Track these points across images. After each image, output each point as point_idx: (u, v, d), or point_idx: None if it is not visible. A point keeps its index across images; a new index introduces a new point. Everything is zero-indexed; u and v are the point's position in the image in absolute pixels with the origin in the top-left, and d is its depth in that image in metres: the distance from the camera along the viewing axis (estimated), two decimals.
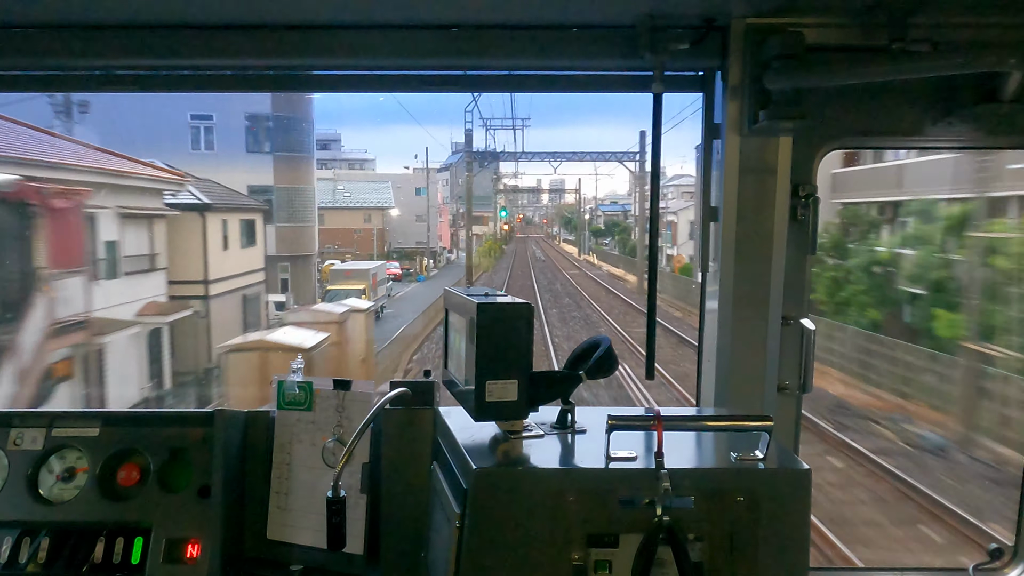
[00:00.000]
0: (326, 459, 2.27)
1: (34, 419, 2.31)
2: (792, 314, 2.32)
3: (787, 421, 2.36)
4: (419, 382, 2.25)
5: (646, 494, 1.64)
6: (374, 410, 2.00)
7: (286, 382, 2.32)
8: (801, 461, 1.76)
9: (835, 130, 2.28)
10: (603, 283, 43.18)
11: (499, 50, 2.29)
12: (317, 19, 2.25)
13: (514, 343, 1.79)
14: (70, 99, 19.78)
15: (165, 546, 2.15)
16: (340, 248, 45.87)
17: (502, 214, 74.06)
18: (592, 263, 61.18)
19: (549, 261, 63.74)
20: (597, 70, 2.43)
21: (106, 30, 2.26)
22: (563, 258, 68.92)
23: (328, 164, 60.60)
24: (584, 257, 67.94)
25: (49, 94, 17.63)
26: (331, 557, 2.19)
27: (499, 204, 72.47)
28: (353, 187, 54.22)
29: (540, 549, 1.65)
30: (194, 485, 2.22)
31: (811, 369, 2.32)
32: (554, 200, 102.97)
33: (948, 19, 2.08)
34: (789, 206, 2.27)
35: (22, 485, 2.23)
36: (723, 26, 2.18)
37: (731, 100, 2.23)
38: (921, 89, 2.22)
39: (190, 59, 2.34)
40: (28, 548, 2.15)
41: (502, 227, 78.93)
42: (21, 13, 2.19)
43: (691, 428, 1.94)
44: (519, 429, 1.90)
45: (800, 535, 1.71)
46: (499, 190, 65.95)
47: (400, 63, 2.40)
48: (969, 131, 2.27)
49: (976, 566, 2.37)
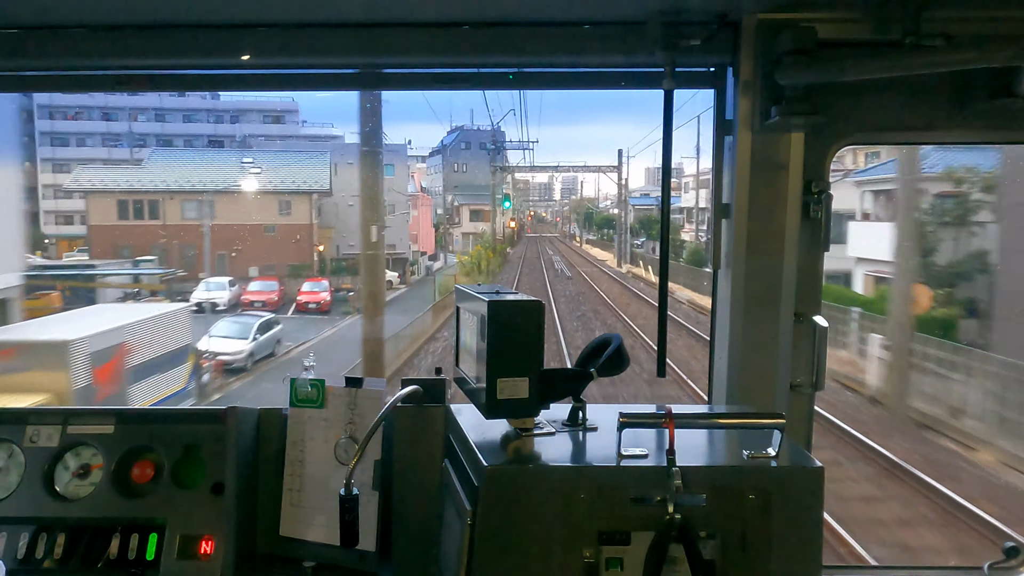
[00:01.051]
0: (338, 456, 2.28)
1: (50, 416, 2.34)
2: (804, 311, 2.31)
3: (799, 418, 2.35)
4: (431, 379, 2.25)
5: (658, 491, 1.63)
6: (386, 408, 2.01)
7: (298, 379, 2.33)
8: (814, 459, 1.75)
9: (848, 126, 2.26)
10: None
11: (509, 47, 2.29)
12: (326, 18, 2.26)
13: (525, 341, 1.79)
14: None
15: (179, 542, 2.17)
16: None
17: (505, 205, 54.84)
18: (642, 277, 38.47)
19: (579, 278, 39.14)
20: (608, 67, 2.43)
21: (121, 30, 2.27)
22: (597, 270, 43.78)
23: (284, 142, 44.19)
24: (628, 268, 43.44)
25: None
26: (343, 554, 2.20)
27: (504, 192, 53.86)
28: (275, 160, 34.90)
29: (551, 546, 1.66)
30: (208, 482, 2.23)
31: (824, 366, 2.31)
32: (567, 197, 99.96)
33: (962, 13, 2.06)
34: (801, 202, 2.25)
35: (38, 482, 2.25)
36: (735, 21, 2.17)
37: (743, 96, 2.22)
38: (935, 84, 2.20)
39: (203, 59, 2.35)
40: (44, 544, 2.17)
41: (508, 224, 61.26)
42: (26, 12, 2.21)
43: (703, 426, 1.93)
44: (530, 426, 1.90)
45: (813, 533, 1.70)
46: (500, 166, 49.20)
47: (410, 61, 2.40)
48: (983, 126, 2.24)
49: (991, 564, 2.35)
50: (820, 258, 2.32)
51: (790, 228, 2.26)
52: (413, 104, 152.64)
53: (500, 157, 49.58)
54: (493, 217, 51.17)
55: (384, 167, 33.58)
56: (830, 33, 2.08)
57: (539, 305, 1.80)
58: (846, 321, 17.16)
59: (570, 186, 75.26)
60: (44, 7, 2.14)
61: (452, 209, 57.95)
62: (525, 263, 47.43)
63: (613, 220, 64.60)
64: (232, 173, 31.73)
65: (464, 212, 58.44)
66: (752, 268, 2.29)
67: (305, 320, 26.55)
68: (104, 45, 2.29)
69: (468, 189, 57.29)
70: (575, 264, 47.29)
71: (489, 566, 1.68)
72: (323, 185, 32.99)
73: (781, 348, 2.30)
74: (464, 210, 58.38)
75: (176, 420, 2.33)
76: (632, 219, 50.90)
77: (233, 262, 30.19)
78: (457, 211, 57.90)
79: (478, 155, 49.63)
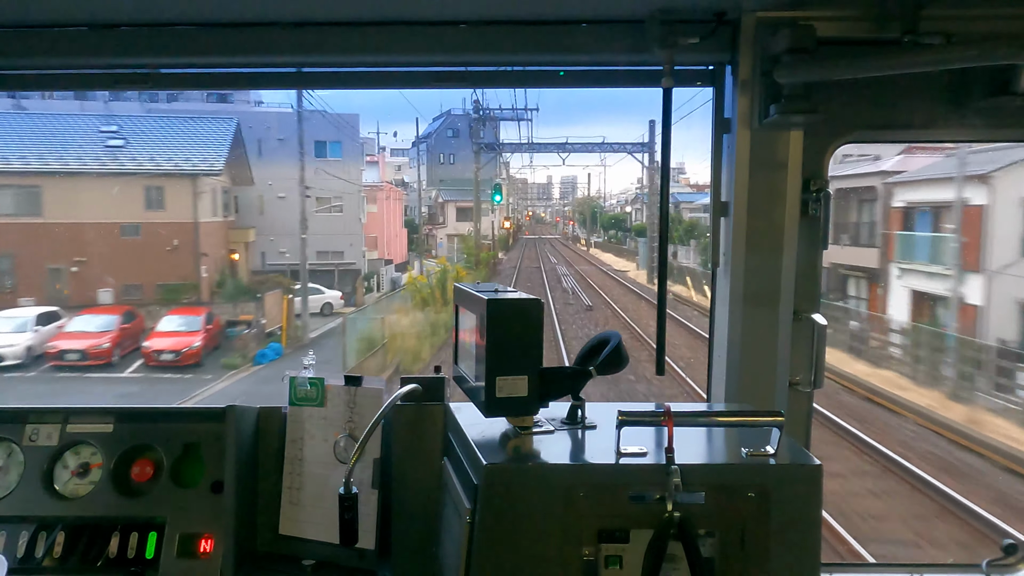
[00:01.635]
0: (338, 455, 2.28)
1: (49, 415, 2.33)
2: (803, 309, 2.31)
3: (798, 416, 2.36)
4: (430, 378, 2.25)
5: (657, 489, 1.64)
6: (385, 406, 2.01)
7: (298, 378, 2.33)
8: (812, 457, 1.76)
9: (846, 124, 2.26)
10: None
11: (508, 45, 2.29)
12: (325, 16, 2.26)
13: (524, 339, 1.79)
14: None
15: (179, 541, 2.17)
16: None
17: (495, 199, 41.59)
18: (690, 300, 26.58)
19: (603, 305, 27.12)
20: (606, 65, 2.43)
21: (117, 28, 2.27)
22: (621, 288, 31.77)
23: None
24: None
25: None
26: (343, 552, 2.20)
27: (496, 182, 41.84)
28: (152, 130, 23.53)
29: (550, 544, 1.66)
30: (207, 480, 2.24)
31: (823, 364, 2.31)
32: (567, 197, 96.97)
33: (961, 11, 2.06)
34: (800, 201, 2.26)
35: (38, 480, 2.25)
36: (733, 20, 2.17)
37: (741, 94, 2.22)
38: (934, 82, 2.20)
39: (201, 57, 2.35)
40: (44, 543, 2.17)
41: (502, 224, 50.42)
42: (25, 12, 2.20)
43: (701, 424, 1.94)
44: (529, 425, 1.90)
45: (812, 531, 1.70)
46: (487, 145, 36.78)
47: (408, 59, 2.40)
48: (982, 124, 2.24)
49: (990, 562, 2.36)
50: (819, 256, 2.33)
51: (789, 226, 2.26)
52: (398, 106, 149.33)
53: (488, 132, 37.71)
54: (477, 214, 38.85)
55: (329, 145, 24.87)
56: (829, 31, 2.08)
57: (538, 303, 1.80)
58: None
59: (570, 185, 72.84)
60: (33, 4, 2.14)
61: (437, 206, 49.61)
62: (521, 275, 36.02)
63: (623, 220, 56.66)
64: (88, 149, 21.29)
65: (450, 210, 49.72)
66: (751, 266, 2.29)
67: (146, 383, 16.25)
68: (99, 43, 2.29)
69: (455, 183, 48.41)
70: (589, 278, 35.27)
71: (488, 564, 1.68)
72: (215, 165, 22.70)
73: (780, 346, 2.30)
74: (450, 208, 49.77)
75: (176, 418, 2.33)
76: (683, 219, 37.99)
77: (76, 281, 20.33)
78: (442, 208, 50.26)
79: (468, 144, 37.66)
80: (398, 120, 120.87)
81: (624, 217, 59.17)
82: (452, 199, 49.65)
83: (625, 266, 40.67)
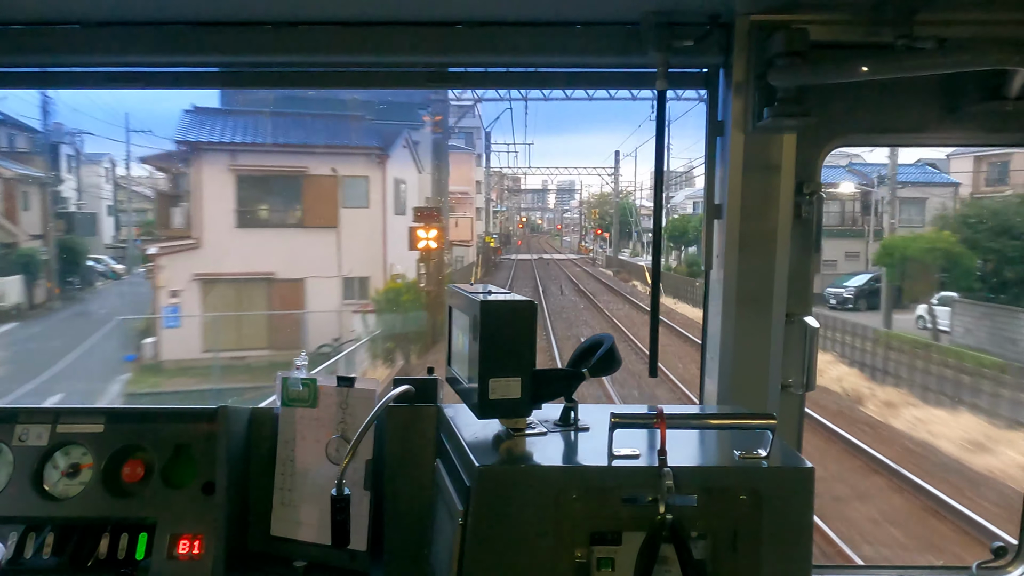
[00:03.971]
0: (330, 456, 2.27)
1: (39, 415, 2.32)
2: (796, 312, 2.32)
3: (790, 419, 2.36)
4: (423, 379, 2.25)
5: (649, 492, 1.64)
6: (378, 407, 2.00)
7: (290, 379, 2.32)
8: (804, 459, 1.76)
9: (840, 127, 2.27)
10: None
11: (502, 47, 2.29)
12: (319, 15, 2.25)
13: (517, 341, 1.79)
14: None
15: (169, 542, 2.16)
16: None
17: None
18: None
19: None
20: (601, 67, 2.43)
21: (112, 27, 2.26)
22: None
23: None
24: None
25: None
26: (335, 553, 2.19)
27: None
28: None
29: (543, 546, 1.66)
30: (198, 481, 2.22)
31: (814, 367, 2.32)
32: (565, 201, 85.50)
33: (954, 16, 2.07)
34: (793, 203, 2.26)
35: (27, 481, 2.24)
36: (728, 23, 2.18)
37: (735, 97, 2.23)
38: (926, 86, 2.22)
39: (196, 56, 2.34)
40: (33, 544, 2.15)
41: (449, 234, 26.38)
42: (19, 8, 2.19)
43: (694, 426, 1.94)
44: (522, 427, 1.90)
45: (803, 533, 1.71)
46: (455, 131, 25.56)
47: (400, 60, 2.40)
48: (975, 129, 2.26)
49: (980, 564, 2.37)
50: (811, 259, 2.34)
51: (782, 229, 2.27)
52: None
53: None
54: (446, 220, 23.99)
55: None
56: (823, 35, 2.09)
57: (531, 305, 1.80)
58: None
59: (567, 189, 70.27)
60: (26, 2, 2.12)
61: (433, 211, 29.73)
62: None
63: (687, 229, 36.08)
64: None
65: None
66: (744, 269, 2.30)
67: None
68: (92, 41, 2.27)
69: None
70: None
71: (480, 566, 1.68)
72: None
73: (772, 348, 2.31)
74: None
75: (167, 419, 2.31)
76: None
77: None
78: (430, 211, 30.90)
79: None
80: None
81: (689, 223, 37.56)
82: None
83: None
